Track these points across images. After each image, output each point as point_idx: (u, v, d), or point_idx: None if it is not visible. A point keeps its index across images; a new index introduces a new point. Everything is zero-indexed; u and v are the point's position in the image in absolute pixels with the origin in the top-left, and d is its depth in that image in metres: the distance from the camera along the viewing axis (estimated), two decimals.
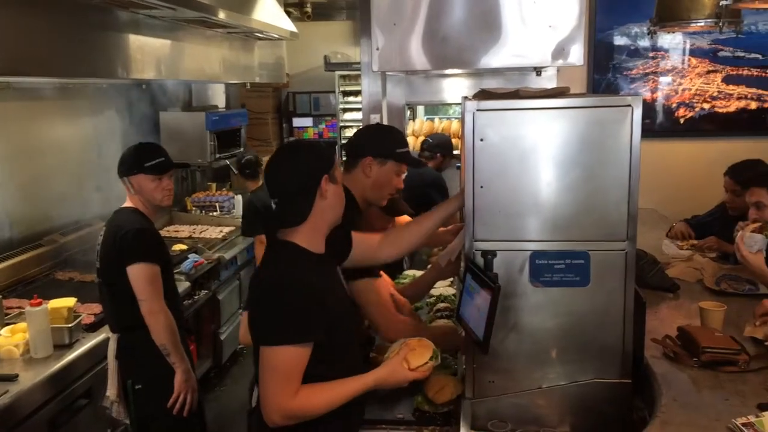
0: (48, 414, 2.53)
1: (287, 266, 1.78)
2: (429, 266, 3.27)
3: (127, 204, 2.78)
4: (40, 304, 2.67)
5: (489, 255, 1.92)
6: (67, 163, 4.05)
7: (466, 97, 2.11)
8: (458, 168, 2.04)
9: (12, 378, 2.46)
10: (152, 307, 2.60)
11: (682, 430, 1.67)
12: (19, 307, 2.94)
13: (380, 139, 2.41)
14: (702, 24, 2.93)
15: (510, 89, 2.14)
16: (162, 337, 2.61)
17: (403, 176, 2.43)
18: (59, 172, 3.97)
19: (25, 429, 2.40)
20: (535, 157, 1.94)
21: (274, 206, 1.84)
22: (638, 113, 1.90)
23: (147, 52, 3.63)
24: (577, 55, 2.67)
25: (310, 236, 1.82)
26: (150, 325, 2.60)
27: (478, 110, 1.94)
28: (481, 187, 1.96)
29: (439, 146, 4.47)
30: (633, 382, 1.96)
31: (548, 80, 3.95)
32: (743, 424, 1.63)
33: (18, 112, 3.66)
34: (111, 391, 2.71)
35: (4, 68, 2.58)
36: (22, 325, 2.73)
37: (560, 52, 2.67)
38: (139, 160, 2.73)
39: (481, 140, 1.94)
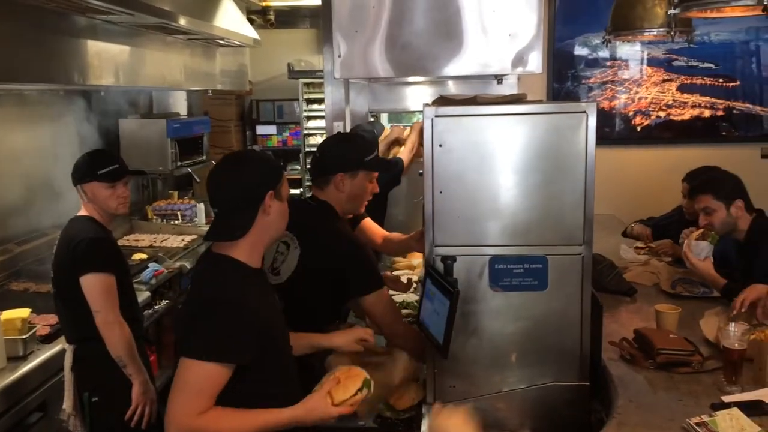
0: (5, 426, 2.46)
1: (222, 281, 1.71)
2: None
3: (82, 212, 2.72)
4: None
5: (448, 260, 1.93)
6: (23, 171, 3.95)
7: (426, 104, 2.13)
8: (421, 175, 2.04)
9: None
10: (107, 318, 2.54)
11: (637, 431, 1.70)
12: None
13: (346, 152, 2.39)
14: (655, 33, 3.01)
15: (468, 96, 2.16)
16: (118, 348, 2.56)
17: (375, 179, 2.45)
18: (14, 180, 3.87)
19: None
20: (494, 163, 1.96)
21: (213, 216, 1.79)
22: (593, 120, 1.94)
23: (105, 59, 3.57)
24: (535, 63, 2.71)
25: (248, 251, 1.75)
26: (105, 337, 2.54)
27: (436, 116, 1.97)
28: (441, 192, 1.97)
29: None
30: (591, 384, 1.99)
31: (509, 88, 4.00)
32: (697, 424, 1.67)
33: None
34: (67, 403, 2.64)
35: None
36: None
37: (519, 60, 2.71)
38: (92, 167, 2.69)
39: (440, 146, 1.96)
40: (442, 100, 2.23)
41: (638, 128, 4.89)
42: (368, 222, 2.99)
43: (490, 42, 2.67)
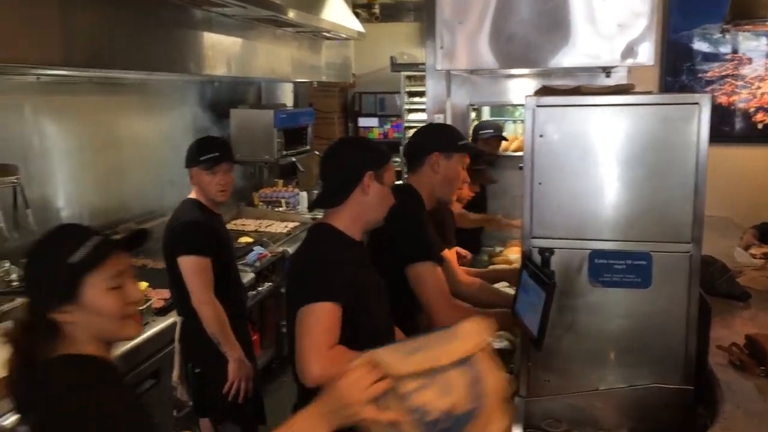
0: None
1: (324, 245, 1.90)
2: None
3: (191, 195, 2.88)
4: None
5: (546, 253, 1.90)
6: (143, 155, 4.24)
7: (528, 95, 2.10)
8: (521, 168, 2.02)
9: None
10: (200, 297, 2.67)
11: None
12: None
13: (443, 135, 2.47)
14: None
15: (572, 86, 2.11)
16: (211, 327, 2.69)
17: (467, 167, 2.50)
18: (135, 164, 4.15)
19: None
20: (596, 155, 1.91)
21: (320, 188, 1.96)
22: (707, 112, 1.85)
23: (218, 50, 3.75)
24: (647, 54, 2.62)
25: (347, 222, 1.91)
26: (200, 314, 2.67)
27: (538, 106, 1.94)
28: (540, 183, 1.95)
29: (492, 127, 4.44)
30: (695, 388, 1.90)
31: (618, 81, 3.87)
32: None
33: (98, 105, 3.85)
34: (175, 372, 2.82)
35: (86, 61, 2.72)
36: None
37: (629, 51, 2.63)
38: (197, 153, 2.82)
39: (541, 136, 1.93)
40: (545, 90, 2.19)
41: (759, 126, 4.58)
42: (451, 254, 2.89)
43: (598, 32, 2.61)
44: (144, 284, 3.04)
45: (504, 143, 4.52)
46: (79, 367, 1.34)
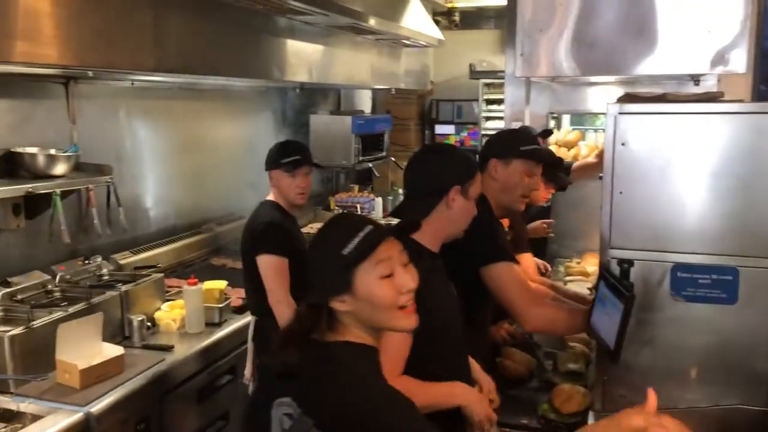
0: (197, 384, 2.77)
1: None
2: None
3: (269, 197, 2.94)
4: (196, 284, 2.93)
5: (625, 264, 1.86)
6: (226, 159, 4.40)
7: (610, 103, 2.06)
8: (600, 178, 1.98)
9: (168, 348, 2.72)
10: (277, 296, 2.71)
11: None
12: (178, 287, 3.23)
13: (503, 140, 2.38)
14: None
15: (656, 93, 2.06)
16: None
17: (538, 177, 2.37)
18: (218, 167, 4.32)
19: (177, 395, 2.64)
20: (682, 164, 1.85)
21: (403, 199, 1.92)
22: None
23: (301, 57, 3.86)
24: (739, 62, 2.51)
25: (428, 237, 1.84)
26: (276, 313, 2.73)
27: (620, 113, 1.89)
28: (621, 193, 1.90)
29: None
30: None
31: (707, 90, 3.72)
32: None
33: (185, 110, 4.03)
34: (247, 369, 2.90)
35: (175, 66, 2.87)
36: (180, 302, 3.01)
37: (720, 59, 2.53)
38: (278, 155, 2.88)
39: (623, 144, 1.89)
40: (628, 98, 2.14)
41: None
42: (526, 260, 2.88)
43: (687, 39, 2.52)
44: (224, 283, 3.15)
45: (583, 153, 4.42)
46: (364, 356, 1.40)
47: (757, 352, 1.81)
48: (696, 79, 3.28)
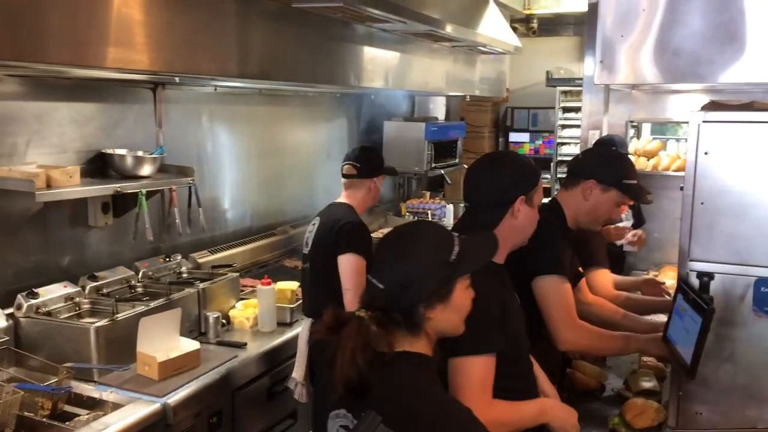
0: (267, 382, 2.84)
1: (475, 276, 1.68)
2: None
3: (343, 200, 2.98)
4: (269, 284, 3.01)
5: (705, 277, 1.81)
6: (301, 163, 4.50)
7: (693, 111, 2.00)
8: (682, 189, 1.92)
9: (241, 345, 2.80)
10: (355, 298, 2.73)
11: None
12: (252, 286, 3.33)
13: (609, 166, 2.28)
14: None
15: (742, 101, 1.98)
16: None
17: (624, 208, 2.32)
18: (294, 171, 4.43)
19: (248, 392, 2.71)
20: (766, 175, 1.77)
21: (464, 211, 1.90)
22: None
23: (377, 63, 3.91)
24: None
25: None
26: None
27: (704, 122, 1.84)
28: (702, 203, 1.84)
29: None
30: None
31: None
32: None
33: (264, 115, 4.15)
34: (298, 372, 2.84)
35: (257, 73, 2.96)
36: (253, 301, 3.10)
37: None
38: (381, 162, 3.08)
39: (706, 153, 1.84)
40: (712, 106, 2.07)
41: None
42: (603, 275, 2.72)
43: None
44: (295, 284, 3.22)
45: (664, 162, 4.28)
46: (428, 367, 1.39)
47: None
48: None
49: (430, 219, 5.42)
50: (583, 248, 2.50)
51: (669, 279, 3.43)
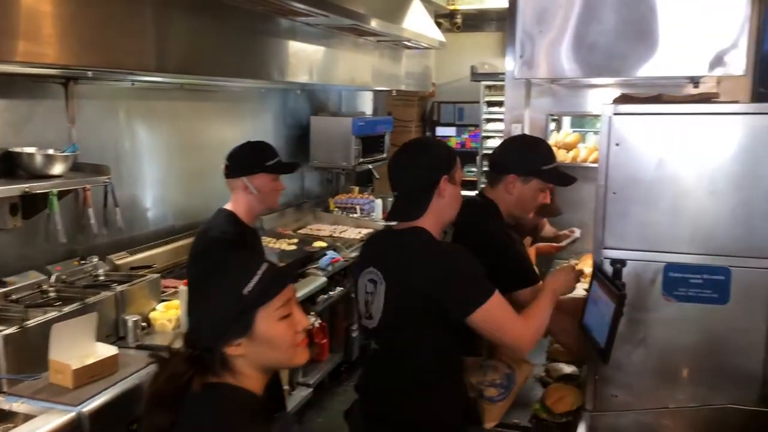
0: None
1: (436, 241, 1.90)
2: None
3: (228, 206, 2.62)
4: None
5: (618, 264, 1.86)
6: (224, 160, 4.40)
7: (605, 103, 2.06)
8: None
9: (163, 349, 2.71)
10: None
11: None
12: (175, 287, 3.23)
13: (525, 156, 2.29)
14: None
15: (651, 94, 2.06)
16: None
17: (549, 192, 2.34)
18: (218, 168, 4.27)
19: None
20: (675, 165, 1.85)
21: (394, 199, 1.95)
22: None
23: (302, 58, 3.87)
24: (737, 64, 2.50)
25: (431, 224, 1.90)
26: None
27: (615, 114, 1.90)
28: (614, 193, 1.90)
29: None
30: None
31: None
32: None
33: (185, 111, 4.04)
34: None
35: (177, 67, 2.88)
36: (176, 302, 3.01)
37: (719, 61, 2.52)
38: (262, 158, 2.61)
39: (617, 145, 1.89)
40: (624, 99, 2.14)
41: None
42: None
43: (685, 41, 2.51)
44: None
45: (582, 155, 4.41)
46: (242, 403, 1.33)
47: (747, 353, 1.81)
48: (695, 81, 3.27)
49: (359, 214, 5.42)
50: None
51: (588, 267, 3.54)
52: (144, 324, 2.87)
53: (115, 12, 2.49)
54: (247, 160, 2.63)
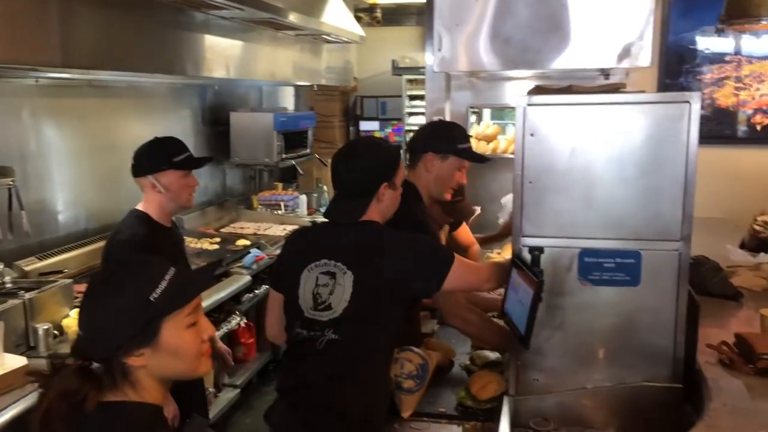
0: None
1: (384, 227, 2.00)
2: None
3: (140, 206, 2.55)
4: None
5: (536, 251, 1.90)
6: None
7: (519, 95, 2.10)
8: None
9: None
10: None
11: None
12: None
13: (441, 135, 2.48)
14: None
15: (563, 85, 2.11)
16: None
17: (465, 171, 2.50)
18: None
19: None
20: (587, 154, 1.90)
21: (334, 197, 2.01)
22: (696, 109, 1.84)
23: (217, 52, 3.77)
24: (644, 56, 2.61)
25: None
26: None
27: (529, 105, 1.93)
28: (530, 182, 1.94)
29: None
30: (683, 387, 1.90)
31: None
32: None
33: (96, 109, 3.87)
34: None
35: (84, 63, 2.74)
36: None
37: (626, 53, 2.62)
38: (169, 154, 2.50)
39: (532, 135, 1.93)
40: (537, 90, 2.19)
41: (758, 127, 4.57)
42: (464, 229, 3.07)
43: (595, 34, 2.60)
44: None
45: (502, 146, 4.51)
46: (149, 421, 1.26)
47: (658, 331, 1.89)
48: (606, 73, 3.38)
49: (283, 211, 5.35)
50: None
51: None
52: (56, 332, 2.74)
53: (17, 4, 2.35)
54: (153, 157, 2.51)
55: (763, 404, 1.76)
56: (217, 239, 4.40)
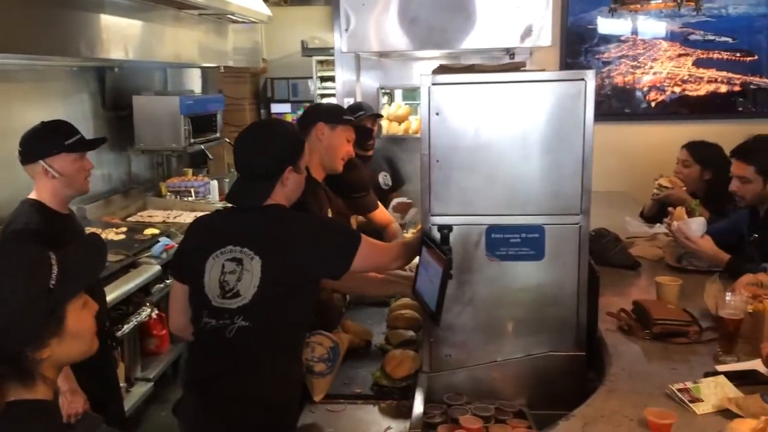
0: None
1: (299, 214, 2.03)
2: None
3: (33, 195, 2.43)
4: None
5: (445, 230, 1.93)
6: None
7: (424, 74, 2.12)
8: None
9: None
10: None
11: (625, 398, 1.69)
12: None
13: (331, 108, 2.74)
14: (660, 2, 2.93)
15: (466, 64, 2.14)
16: None
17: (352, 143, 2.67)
18: None
19: None
20: (490, 132, 1.95)
21: (236, 181, 1.96)
22: (591, 87, 1.91)
23: (114, 32, 3.60)
24: (545, 36, 2.66)
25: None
26: None
27: (433, 84, 1.95)
28: (437, 161, 1.97)
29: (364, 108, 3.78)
30: (587, 354, 1.99)
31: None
32: (679, 390, 1.66)
33: None
34: None
35: None
36: None
37: (528, 33, 2.67)
38: (58, 138, 2.38)
39: (437, 114, 1.95)
40: (442, 69, 2.21)
41: (653, 104, 4.81)
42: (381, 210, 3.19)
43: (498, 14, 2.64)
44: None
45: (414, 126, 4.54)
46: (49, 420, 1.20)
47: (562, 303, 1.97)
48: (511, 52, 3.45)
49: (194, 197, 5.20)
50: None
51: None
52: None
53: None
54: (42, 141, 2.40)
55: (659, 367, 1.87)
56: (123, 229, 4.23)
